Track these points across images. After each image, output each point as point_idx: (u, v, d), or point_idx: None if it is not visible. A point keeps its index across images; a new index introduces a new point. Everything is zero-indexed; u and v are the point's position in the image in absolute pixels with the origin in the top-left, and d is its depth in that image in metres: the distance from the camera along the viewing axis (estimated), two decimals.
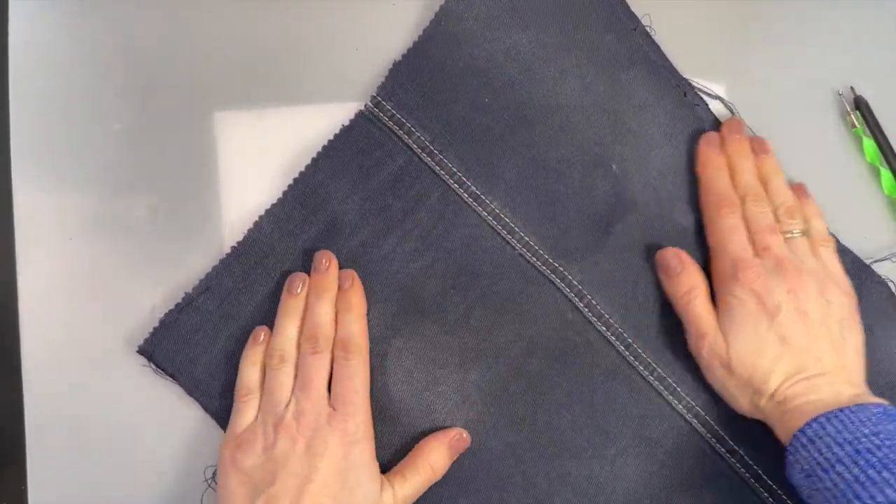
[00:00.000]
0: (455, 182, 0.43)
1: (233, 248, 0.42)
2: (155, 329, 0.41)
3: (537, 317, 0.42)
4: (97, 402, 0.42)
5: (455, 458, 0.40)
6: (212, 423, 0.42)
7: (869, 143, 0.45)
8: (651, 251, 0.43)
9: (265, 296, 0.42)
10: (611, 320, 0.43)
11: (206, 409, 0.41)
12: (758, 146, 0.44)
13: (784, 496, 0.41)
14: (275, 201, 0.43)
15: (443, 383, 0.42)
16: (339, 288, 0.41)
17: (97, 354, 0.42)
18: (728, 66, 0.47)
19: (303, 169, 0.43)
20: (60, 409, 0.42)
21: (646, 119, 0.45)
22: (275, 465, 0.37)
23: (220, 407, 0.41)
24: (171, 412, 0.42)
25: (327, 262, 0.41)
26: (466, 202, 0.43)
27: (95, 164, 0.44)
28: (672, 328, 0.42)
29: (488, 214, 0.43)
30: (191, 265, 0.43)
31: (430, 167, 0.43)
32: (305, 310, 0.41)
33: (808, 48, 0.47)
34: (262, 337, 0.41)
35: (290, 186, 0.43)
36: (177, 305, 0.42)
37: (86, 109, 0.45)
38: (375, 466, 0.38)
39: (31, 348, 0.43)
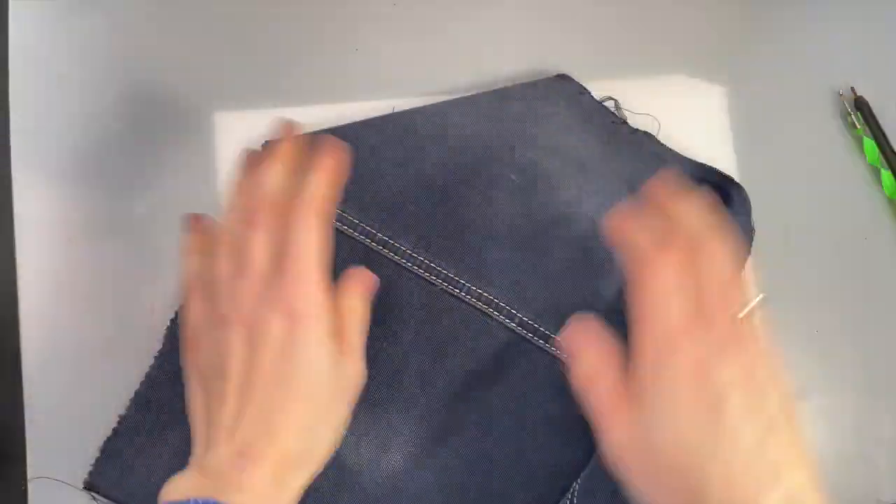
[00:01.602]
0: (360, 234, 0.42)
1: (155, 357, 0.41)
2: (97, 460, 0.40)
3: (473, 351, 0.41)
4: (97, 401, 0.42)
5: (367, 297, 0.36)
6: None
7: (870, 144, 0.45)
8: (565, 250, 0.42)
9: None
10: (547, 332, 0.41)
11: None
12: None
13: None
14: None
15: (399, 443, 0.40)
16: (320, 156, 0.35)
17: (97, 354, 0.42)
18: (729, 67, 0.47)
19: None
20: (60, 409, 0.42)
21: (542, 121, 0.43)
22: (221, 359, 0.33)
23: None
24: None
25: (286, 129, 0.36)
26: (377, 251, 0.42)
27: (95, 164, 0.44)
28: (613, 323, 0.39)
29: (401, 258, 0.42)
30: None
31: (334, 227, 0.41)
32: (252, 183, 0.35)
33: (808, 48, 0.47)
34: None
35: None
36: (114, 431, 0.40)
37: (86, 109, 0.45)
38: (329, 344, 0.33)
39: (31, 348, 0.43)
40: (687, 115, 0.45)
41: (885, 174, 0.45)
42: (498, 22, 0.47)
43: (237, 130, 0.45)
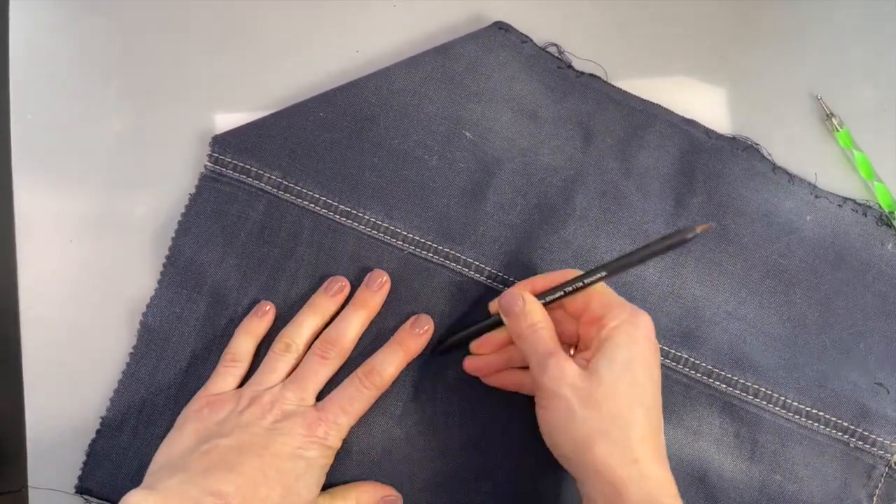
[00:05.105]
0: (322, 207, 0.42)
1: (130, 354, 0.42)
2: (85, 463, 0.41)
3: (447, 310, 0.42)
4: (97, 402, 0.42)
5: None
6: None
7: (862, 158, 0.45)
8: (527, 198, 0.43)
9: (179, 386, 0.41)
10: (517, 281, 0.41)
11: None
12: None
13: None
14: (152, 293, 0.42)
15: (376, 410, 0.41)
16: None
17: (97, 355, 0.42)
18: (729, 69, 0.47)
19: (168, 252, 0.43)
20: (61, 409, 0.42)
21: (487, 75, 0.45)
22: (236, 424, 0.37)
23: None
24: None
25: (381, 282, 0.41)
26: (341, 223, 0.42)
27: (95, 164, 0.44)
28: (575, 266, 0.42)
29: (365, 227, 0.42)
30: None
31: (291, 203, 0.43)
32: (336, 316, 0.41)
33: (807, 51, 0.47)
34: (263, 311, 0.41)
35: (161, 273, 0.42)
36: (97, 433, 0.41)
37: (86, 109, 0.45)
38: (323, 475, 0.38)
39: (31, 348, 0.43)
40: (686, 114, 0.45)
41: (879, 187, 0.45)
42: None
43: None
